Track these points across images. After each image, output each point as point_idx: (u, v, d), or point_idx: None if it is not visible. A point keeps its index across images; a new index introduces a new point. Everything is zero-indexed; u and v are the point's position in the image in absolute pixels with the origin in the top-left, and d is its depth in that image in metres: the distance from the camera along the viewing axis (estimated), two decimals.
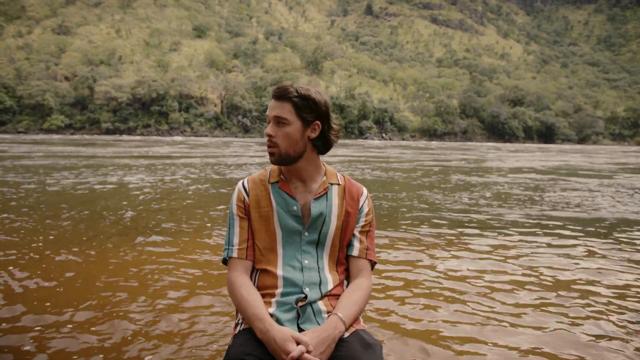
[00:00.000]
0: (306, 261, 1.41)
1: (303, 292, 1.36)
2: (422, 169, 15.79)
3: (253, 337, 1.26)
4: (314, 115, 1.38)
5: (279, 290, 1.37)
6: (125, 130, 76.30)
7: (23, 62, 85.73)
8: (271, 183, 1.45)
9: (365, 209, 1.49)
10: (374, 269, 1.52)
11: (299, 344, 1.18)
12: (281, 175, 1.45)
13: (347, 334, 1.30)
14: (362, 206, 1.49)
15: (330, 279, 1.42)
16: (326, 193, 1.44)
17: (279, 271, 1.39)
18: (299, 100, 1.35)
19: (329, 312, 1.35)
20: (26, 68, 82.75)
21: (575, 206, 7.42)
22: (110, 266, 3.57)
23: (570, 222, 5.94)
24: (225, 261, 1.45)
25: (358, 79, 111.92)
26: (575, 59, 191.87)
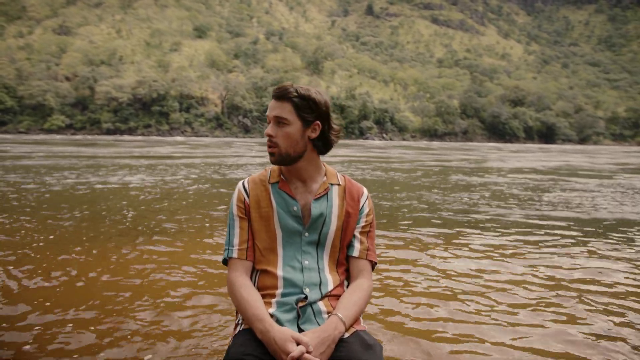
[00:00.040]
0: (306, 262, 1.41)
1: (303, 293, 1.36)
2: (423, 169, 15.78)
3: (253, 338, 1.26)
4: (314, 115, 1.38)
5: (279, 290, 1.37)
6: (126, 130, 76.29)
7: (24, 63, 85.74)
8: (271, 183, 1.44)
9: (366, 210, 1.49)
10: (374, 269, 1.52)
11: (299, 344, 1.18)
12: (281, 176, 1.45)
13: (347, 335, 1.30)
14: (363, 207, 1.48)
15: (330, 280, 1.42)
16: (326, 193, 1.44)
17: (279, 272, 1.39)
18: (299, 101, 1.35)
19: (329, 313, 1.35)
20: (27, 68, 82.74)
21: (575, 206, 7.42)
22: (111, 266, 3.58)
23: (570, 222, 5.94)
24: (225, 261, 1.45)
25: (358, 79, 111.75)
26: (576, 59, 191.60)
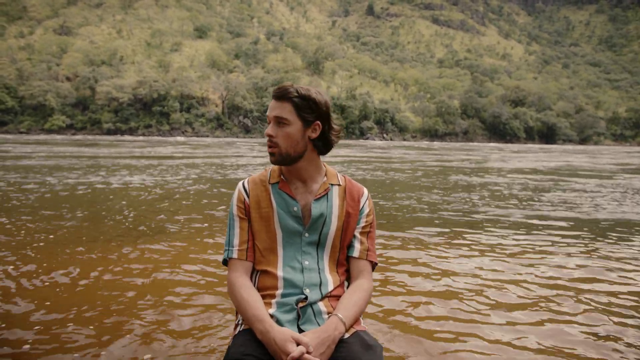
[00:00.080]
0: (306, 262, 1.40)
1: (303, 293, 1.36)
2: (424, 169, 15.78)
3: (253, 338, 1.26)
4: (315, 115, 1.37)
5: (279, 291, 1.37)
6: (127, 130, 76.38)
7: (25, 63, 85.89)
8: (271, 184, 1.44)
9: (366, 210, 1.48)
10: (374, 270, 1.52)
11: (299, 344, 1.18)
12: (281, 176, 1.45)
13: (348, 335, 1.29)
14: (363, 207, 1.48)
15: (330, 280, 1.41)
16: (327, 194, 1.44)
17: (279, 272, 1.39)
18: (299, 101, 1.35)
19: (329, 313, 1.35)
20: (28, 68, 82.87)
21: (575, 206, 7.42)
22: (112, 266, 3.58)
23: (570, 222, 5.94)
24: (225, 262, 1.44)
25: (359, 80, 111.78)
26: (577, 59, 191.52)
